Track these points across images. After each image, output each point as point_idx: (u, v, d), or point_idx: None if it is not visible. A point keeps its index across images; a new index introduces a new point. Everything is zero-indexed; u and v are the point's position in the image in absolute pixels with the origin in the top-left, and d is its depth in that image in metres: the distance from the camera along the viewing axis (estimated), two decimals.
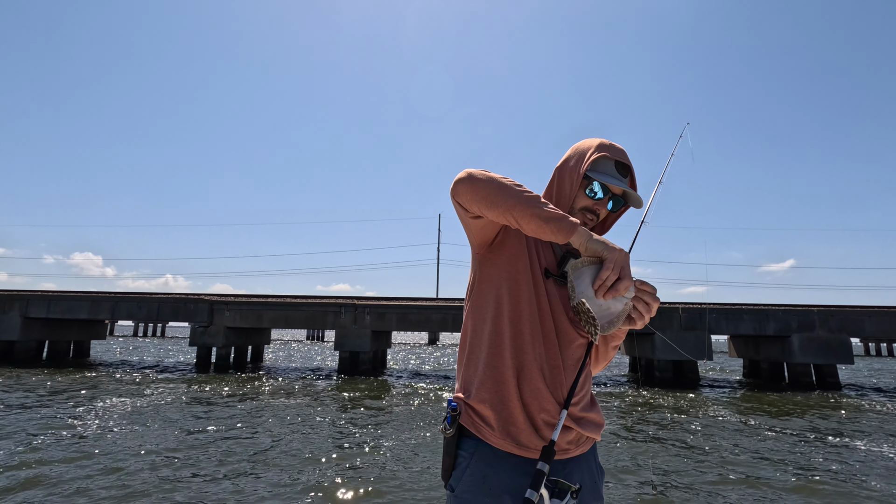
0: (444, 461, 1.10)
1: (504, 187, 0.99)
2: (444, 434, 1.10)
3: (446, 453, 1.10)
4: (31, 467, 4.56)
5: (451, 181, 1.07)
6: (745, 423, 7.98)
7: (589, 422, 1.13)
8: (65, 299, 16.01)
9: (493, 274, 1.16)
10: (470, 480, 1.04)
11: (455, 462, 1.08)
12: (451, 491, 1.07)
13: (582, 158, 1.16)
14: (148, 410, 7.70)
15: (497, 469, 1.04)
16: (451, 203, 1.10)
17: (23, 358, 15.91)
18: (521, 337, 1.10)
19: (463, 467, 1.06)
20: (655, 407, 9.57)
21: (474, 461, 1.05)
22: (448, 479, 1.09)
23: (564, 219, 0.96)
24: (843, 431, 7.40)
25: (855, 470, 5.17)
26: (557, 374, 1.08)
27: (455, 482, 1.07)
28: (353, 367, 15.05)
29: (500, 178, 1.01)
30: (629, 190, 1.14)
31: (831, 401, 11.18)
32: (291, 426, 6.81)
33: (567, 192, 1.16)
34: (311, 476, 4.55)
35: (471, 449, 1.07)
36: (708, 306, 15.02)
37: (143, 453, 5.14)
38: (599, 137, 1.19)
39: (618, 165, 1.16)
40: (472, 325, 1.18)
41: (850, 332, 14.19)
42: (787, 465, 5.29)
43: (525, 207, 0.96)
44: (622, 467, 5.06)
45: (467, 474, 1.05)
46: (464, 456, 1.07)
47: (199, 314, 15.51)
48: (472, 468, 1.05)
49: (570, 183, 1.16)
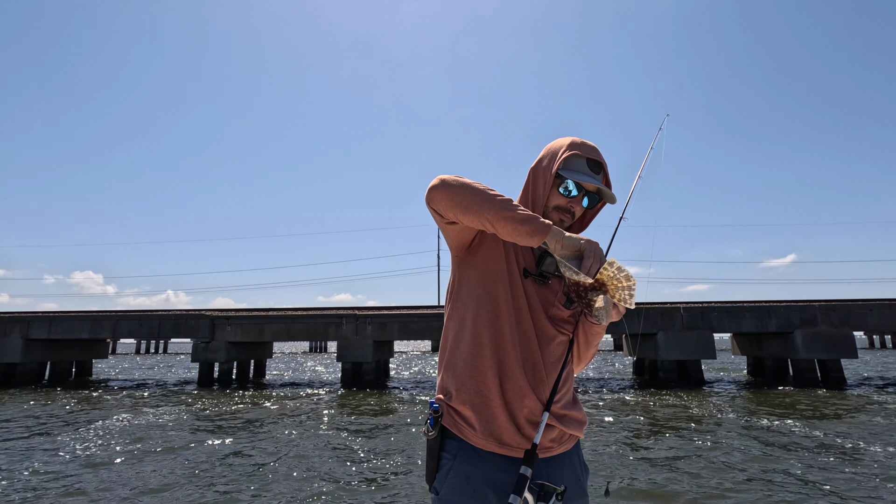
0: (428, 464, 1.10)
1: (477, 192, 1.00)
2: (426, 437, 1.11)
3: (429, 456, 1.10)
4: (29, 491, 4.54)
5: None
6: (752, 422, 7.95)
7: (571, 419, 1.12)
8: (66, 320, 16.00)
9: (472, 275, 1.17)
10: (454, 482, 1.04)
11: (438, 464, 1.08)
12: (436, 494, 1.07)
13: (554, 157, 1.17)
14: (149, 429, 7.67)
15: (480, 469, 1.04)
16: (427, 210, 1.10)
17: (25, 380, 15.86)
18: (501, 336, 1.10)
19: (446, 469, 1.06)
20: (660, 408, 9.53)
21: (457, 462, 1.05)
22: (432, 482, 1.09)
23: (537, 220, 0.97)
24: (850, 430, 7.37)
25: (870, 471, 5.15)
26: (538, 371, 1.08)
27: (439, 485, 1.06)
28: (355, 378, 15.00)
29: (473, 184, 1.02)
30: (602, 187, 1.14)
31: (837, 396, 11.13)
32: (295, 441, 6.78)
33: (541, 192, 1.17)
34: (317, 490, 4.52)
35: (453, 450, 1.07)
36: (709, 305, 15.00)
37: (144, 473, 5.12)
38: (572, 136, 1.20)
39: (590, 163, 1.17)
40: (452, 327, 1.19)
41: (853, 325, 14.17)
42: (797, 466, 5.27)
43: (498, 211, 0.97)
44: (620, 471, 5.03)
45: (451, 476, 1.05)
46: (447, 458, 1.07)
47: (200, 330, 15.49)
48: (456, 469, 1.05)
49: (544, 182, 1.17)
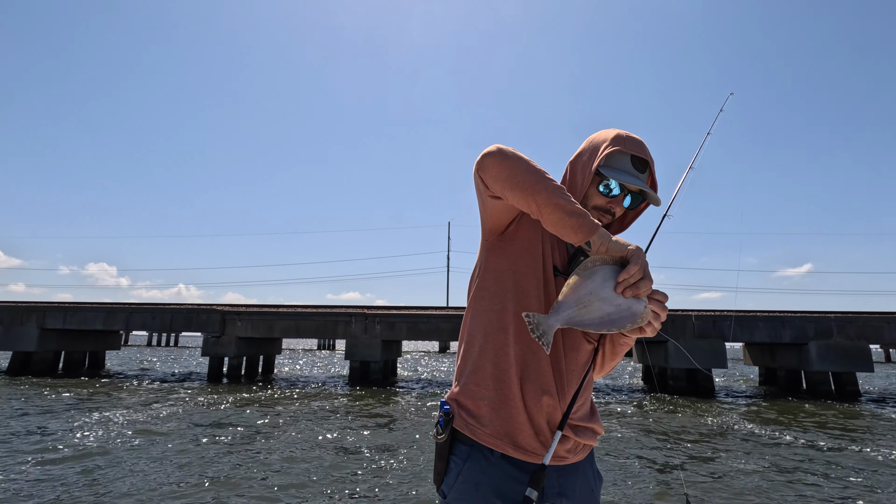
0: (436, 466, 1.06)
1: (533, 171, 0.92)
2: (435, 439, 1.07)
3: (438, 458, 1.06)
4: (39, 481, 4.61)
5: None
6: (765, 434, 7.82)
7: (587, 430, 1.09)
8: (80, 311, 16.26)
9: (500, 264, 1.09)
10: (462, 488, 1.00)
11: (447, 467, 1.04)
12: (443, 497, 1.03)
13: (595, 152, 1.06)
14: (158, 422, 7.76)
15: (490, 476, 0.99)
16: (473, 178, 1.00)
17: (40, 369, 16.15)
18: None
19: (455, 473, 1.02)
20: (669, 416, 9.42)
21: (466, 467, 1.01)
22: (440, 483, 1.05)
23: (587, 216, 0.89)
24: (867, 444, 7.22)
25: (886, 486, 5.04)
26: (561, 377, 1.04)
27: (447, 488, 1.03)
28: (363, 376, 15.04)
29: (530, 162, 0.94)
30: (646, 188, 1.05)
31: (853, 411, 10.91)
32: (301, 438, 6.81)
33: (578, 189, 1.07)
34: (323, 487, 4.54)
35: (463, 455, 1.02)
36: (722, 313, 14.80)
37: (149, 466, 5.18)
38: (617, 129, 1.09)
39: (634, 160, 1.06)
40: (473, 316, 1.12)
41: (870, 338, 13.88)
42: (812, 484, 5.17)
43: (550, 196, 0.89)
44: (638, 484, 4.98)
45: (459, 481, 1.01)
46: (456, 462, 1.03)
47: (210, 324, 15.65)
48: (465, 475, 1.01)
49: (582, 179, 1.07)
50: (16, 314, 16.22)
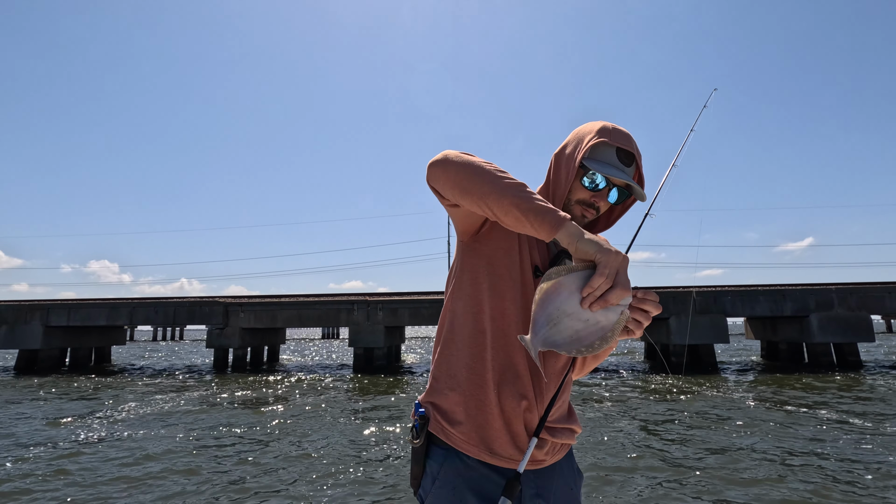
0: (413, 469, 1.04)
1: (481, 173, 0.85)
2: (411, 443, 1.04)
3: (414, 462, 1.04)
4: (48, 475, 4.67)
5: None
6: (769, 407, 7.89)
7: (563, 430, 1.07)
8: (84, 307, 16.33)
9: (476, 265, 1.04)
10: (439, 492, 0.98)
11: (423, 471, 1.02)
12: (421, 501, 1.02)
13: (580, 144, 1.02)
14: (165, 414, 7.83)
15: (467, 479, 0.98)
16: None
17: (46, 366, 16.28)
18: (505, 338, 1.00)
19: (432, 477, 1.00)
20: (673, 393, 9.50)
21: (443, 471, 0.99)
22: (417, 487, 1.03)
23: (550, 212, 0.81)
24: (871, 414, 7.28)
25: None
26: (538, 382, 1.01)
27: (424, 493, 1.01)
28: (367, 363, 15.16)
29: (478, 162, 0.87)
30: (632, 183, 1.00)
31: (856, 380, 10.99)
32: (308, 426, 6.88)
33: (563, 183, 1.03)
34: (329, 475, 4.59)
35: (439, 458, 1.00)
36: (723, 289, 14.83)
37: (156, 457, 5.23)
38: (604, 121, 1.05)
39: (620, 153, 1.01)
40: (450, 319, 1.08)
41: (871, 309, 13.94)
42: (826, 453, 5.22)
43: (502, 197, 0.83)
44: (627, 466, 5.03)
45: (437, 485, 0.99)
46: (432, 465, 1.00)
47: (214, 316, 15.72)
48: (441, 479, 0.99)
49: (566, 172, 1.02)
50: (20, 313, 16.29)
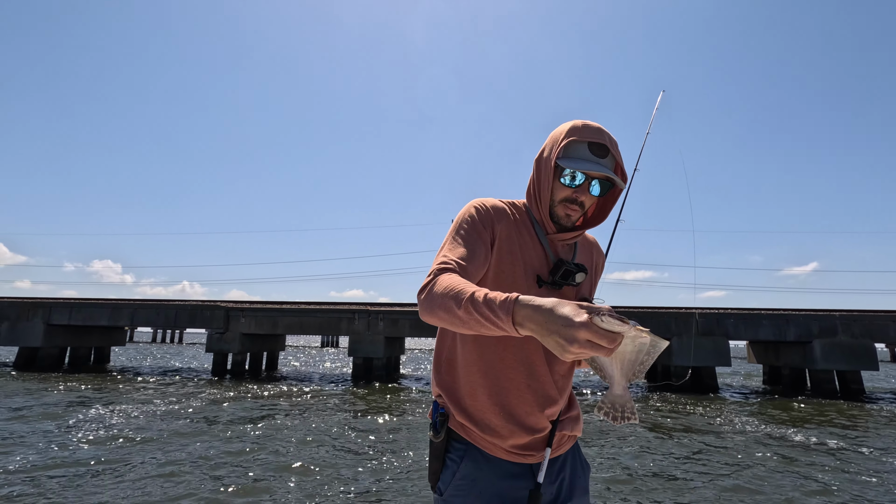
0: (431, 465, 1.09)
1: (447, 308, 0.87)
2: (432, 439, 1.09)
3: (433, 457, 1.08)
4: (41, 477, 4.66)
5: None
6: (772, 435, 7.81)
7: (570, 421, 1.14)
8: (86, 307, 16.37)
9: (486, 275, 1.09)
10: (459, 484, 1.03)
11: (443, 466, 1.07)
12: (440, 495, 1.06)
13: (554, 146, 1.08)
14: (161, 417, 7.81)
15: (486, 473, 1.03)
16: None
17: (46, 364, 16.27)
18: (515, 345, 1.07)
19: (452, 471, 1.05)
20: (673, 416, 9.41)
21: (463, 465, 1.04)
22: (436, 482, 1.08)
23: (495, 304, 0.80)
24: (871, 442, 7.20)
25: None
26: (548, 387, 1.08)
27: (444, 486, 1.05)
28: (366, 373, 15.09)
29: (444, 294, 0.89)
30: (608, 173, 1.04)
31: (859, 409, 10.87)
32: (304, 435, 6.85)
33: (545, 186, 1.09)
34: (325, 484, 4.56)
35: (459, 452, 1.06)
36: (726, 311, 14.76)
37: (151, 461, 5.22)
38: (577, 119, 1.10)
39: (592, 146, 1.06)
40: None
41: (875, 337, 13.82)
42: (825, 480, 5.16)
43: (463, 316, 0.85)
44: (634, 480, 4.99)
45: (456, 478, 1.04)
46: (453, 459, 1.06)
47: (215, 321, 15.72)
48: (462, 472, 1.04)
49: (546, 174, 1.08)
50: (22, 310, 16.35)
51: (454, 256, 0.99)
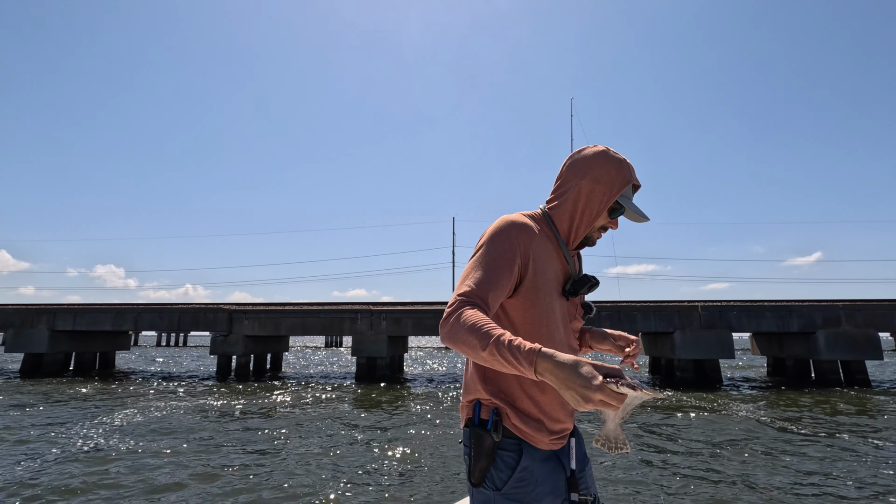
0: (479, 463, 1.16)
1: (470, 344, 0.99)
2: (491, 438, 1.16)
3: (483, 456, 1.16)
4: (45, 482, 4.68)
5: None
6: (778, 426, 7.81)
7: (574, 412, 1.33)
8: (90, 312, 16.43)
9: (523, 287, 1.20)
10: (521, 476, 1.15)
11: (493, 462, 1.16)
12: (496, 489, 1.14)
13: (613, 186, 1.21)
14: (167, 420, 7.84)
15: (537, 463, 1.18)
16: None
17: (51, 370, 16.35)
18: (553, 343, 1.22)
19: (509, 466, 1.15)
20: (678, 409, 9.41)
21: (522, 460, 1.16)
22: (481, 480, 1.16)
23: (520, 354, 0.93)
24: (879, 434, 7.19)
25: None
26: None
27: (500, 481, 1.14)
28: (370, 372, 15.12)
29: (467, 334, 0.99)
30: (648, 218, 1.26)
31: (865, 399, 10.85)
32: (309, 435, 6.87)
33: (596, 213, 1.24)
34: (330, 484, 4.58)
35: (514, 449, 1.17)
36: (728, 303, 14.74)
37: (157, 463, 5.24)
38: (613, 151, 1.24)
39: (634, 188, 1.28)
40: (510, 328, 1.23)
41: (879, 326, 13.79)
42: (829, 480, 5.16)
43: (484, 361, 0.98)
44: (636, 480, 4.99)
45: (518, 471, 1.15)
46: (509, 455, 1.16)
47: (218, 323, 15.77)
48: (521, 465, 1.15)
49: (600, 206, 1.23)
50: (26, 316, 16.42)
51: (478, 288, 1.09)
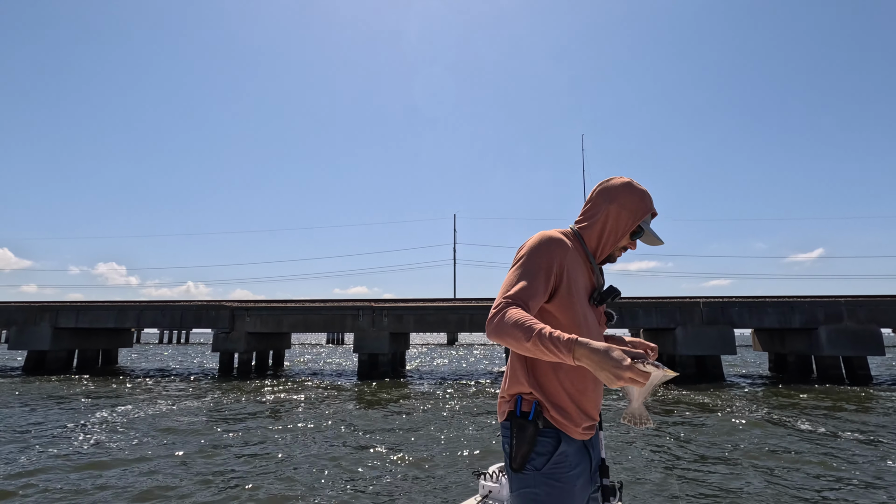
0: (520, 449, 1.34)
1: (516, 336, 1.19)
2: (534, 427, 1.35)
3: (525, 443, 1.34)
4: (42, 476, 4.71)
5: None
6: (779, 422, 7.81)
7: None
8: (92, 309, 16.48)
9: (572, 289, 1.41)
10: (558, 460, 1.33)
11: (533, 449, 1.34)
12: (536, 470, 1.32)
13: (637, 213, 1.46)
14: (170, 417, 7.88)
15: (572, 450, 1.36)
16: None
17: (54, 367, 16.43)
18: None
19: (548, 451, 1.33)
20: (679, 405, 9.42)
21: (560, 446, 1.34)
22: (522, 465, 1.33)
23: (560, 343, 1.14)
24: (881, 431, 7.19)
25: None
26: (600, 388, 1.46)
27: (539, 464, 1.32)
28: (372, 369, 15.16)
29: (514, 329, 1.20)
30: (658, 238, 1.50)
31: (867, 395, 10.85)
32: (311, 432, 6.89)
33: (621, 235, 1.47)
34: (333, 480, 4.60)
35: (553, 437, 1.35)
36: (730, 300, 14.73)
37: (160, 461, 5.27)
38: (636, 183, 1.49)
39: (652, 214, 1.51)
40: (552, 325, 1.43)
41: (881, 322, 13.78)
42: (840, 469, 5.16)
43: (527, 351, 1.19)
44: (643, 476, 5.00)
45: (556, 455, 1.33)
46: (548, 442, 1.34)
47: (220, 320, 15.81)
48: (560, 451, 1.34)
49: (624, 229, 1.47)
50: (29, 314, 16.48)
51: (521, 292, 1.29)
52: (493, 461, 4.86)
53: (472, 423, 7.38)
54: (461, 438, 6.29)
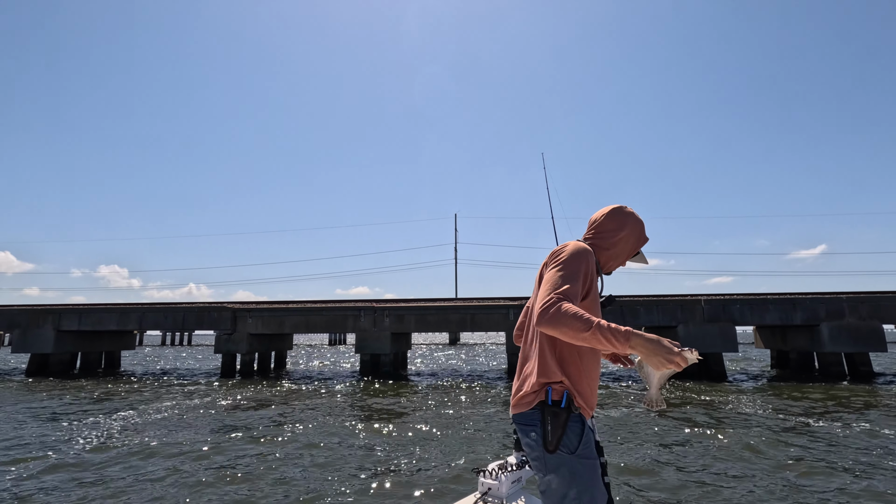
0: (554, 432, 1.51)
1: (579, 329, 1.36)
2: (567, 413, 1.53)
3: (559, 426, 1.52)
4: (50, 481, 4.73)
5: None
6: (782, 418, 7.81)
7: None
8: (95, 312, 16.54)
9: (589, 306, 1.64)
10: (586, 440, 1.53)
11: (564, 431, 1.51)
12: (571, 452, 1.50)
13: (640, 240, 1.80)
14: (173, 419, 7.91)
15: (590, 432, 1.58)
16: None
17: (57, 370, 16.48)
18: (599, 354, 1.70)
19: (578, 433, 1.52)
20: (682, 402, 9.42)
21: (586, 429, 1.55)
22: (555, 447, 1.50)
23: (620, 334, 1.35)
24: (880, 424, 7.19)
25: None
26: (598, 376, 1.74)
27: (572, 446, 1.51)
28: (374, 369, 15.19)
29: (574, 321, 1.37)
30: (646, 261, 1.89)
31: (869, 391, 10.84)
32: (314, 432, 6.91)
33: (625, 256, 1.80)
34: (335, 481, 4.62)
35: (579, 421, 1.55)
36: (732, 297, 14.72)
37: (162, 462, 5.29)
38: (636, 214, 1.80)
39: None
40: None
41: (883, 318, 13.75)
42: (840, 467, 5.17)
43: (584, 340, 1.37)
44: (641, 467, 5.02)
45: (585, 436, 1.53)
46: (577, 425, 1.53)
47: (222, 322, 15.85)
48: (586, 432, 1.54)
49: (629, 252, 1.80)
50: (32, 317, 16.54)
51: (568, 290, 1.48)
52: (492, 459, 4.88)
53: (472, 421, 7.40)
54: (461, 437, 6.30)
